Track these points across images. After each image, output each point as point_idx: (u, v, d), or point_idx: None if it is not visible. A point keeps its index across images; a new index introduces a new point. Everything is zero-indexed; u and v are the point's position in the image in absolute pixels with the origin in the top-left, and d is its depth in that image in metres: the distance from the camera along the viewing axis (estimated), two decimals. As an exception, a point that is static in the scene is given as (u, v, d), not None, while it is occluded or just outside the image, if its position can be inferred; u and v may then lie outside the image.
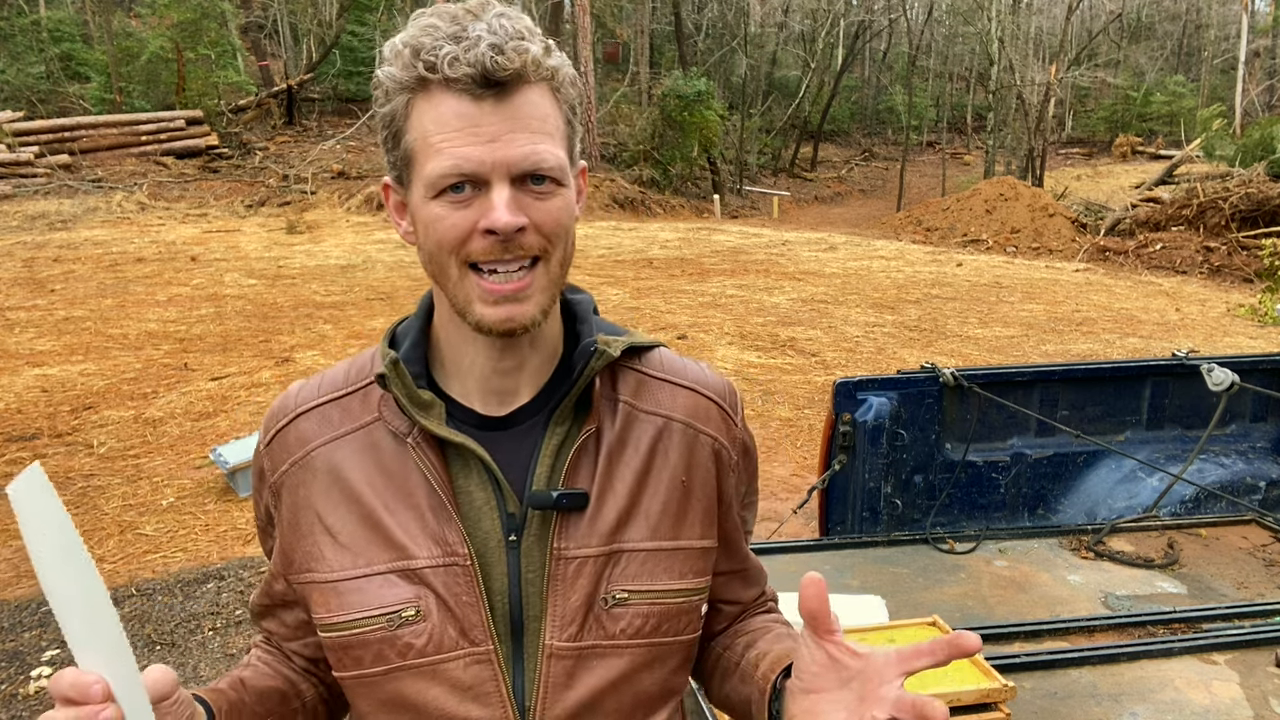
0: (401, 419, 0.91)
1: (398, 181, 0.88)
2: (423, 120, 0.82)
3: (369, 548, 0.89)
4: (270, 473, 0.96)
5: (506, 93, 0.80)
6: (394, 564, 0.89)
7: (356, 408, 0.94)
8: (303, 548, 0.93)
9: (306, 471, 0.93)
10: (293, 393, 0.99)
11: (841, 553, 2.66)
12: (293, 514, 0.94)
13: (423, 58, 0.79)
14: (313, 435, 0.94)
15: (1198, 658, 1.98)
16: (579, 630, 0.90)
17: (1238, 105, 30.15)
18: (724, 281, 12.54)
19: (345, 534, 0.90)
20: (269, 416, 0.98)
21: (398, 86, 0.82)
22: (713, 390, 1.02)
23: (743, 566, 1.08)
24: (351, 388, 0.96)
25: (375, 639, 0.88)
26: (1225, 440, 3.48)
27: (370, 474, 0.91)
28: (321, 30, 27.84)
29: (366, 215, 17.88)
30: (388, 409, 0.93)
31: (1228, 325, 10.67)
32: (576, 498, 0.90)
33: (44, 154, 18.18)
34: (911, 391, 3.20)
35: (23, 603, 3.99)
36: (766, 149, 30.73)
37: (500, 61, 0.78)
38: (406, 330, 0.96)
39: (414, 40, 0.81)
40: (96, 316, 9.42)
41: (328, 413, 0.95)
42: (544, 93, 0.83)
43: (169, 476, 5.40)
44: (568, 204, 0.86)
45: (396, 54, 0.82)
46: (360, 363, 0.98)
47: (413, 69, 0.80)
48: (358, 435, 0.93)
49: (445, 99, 0.80)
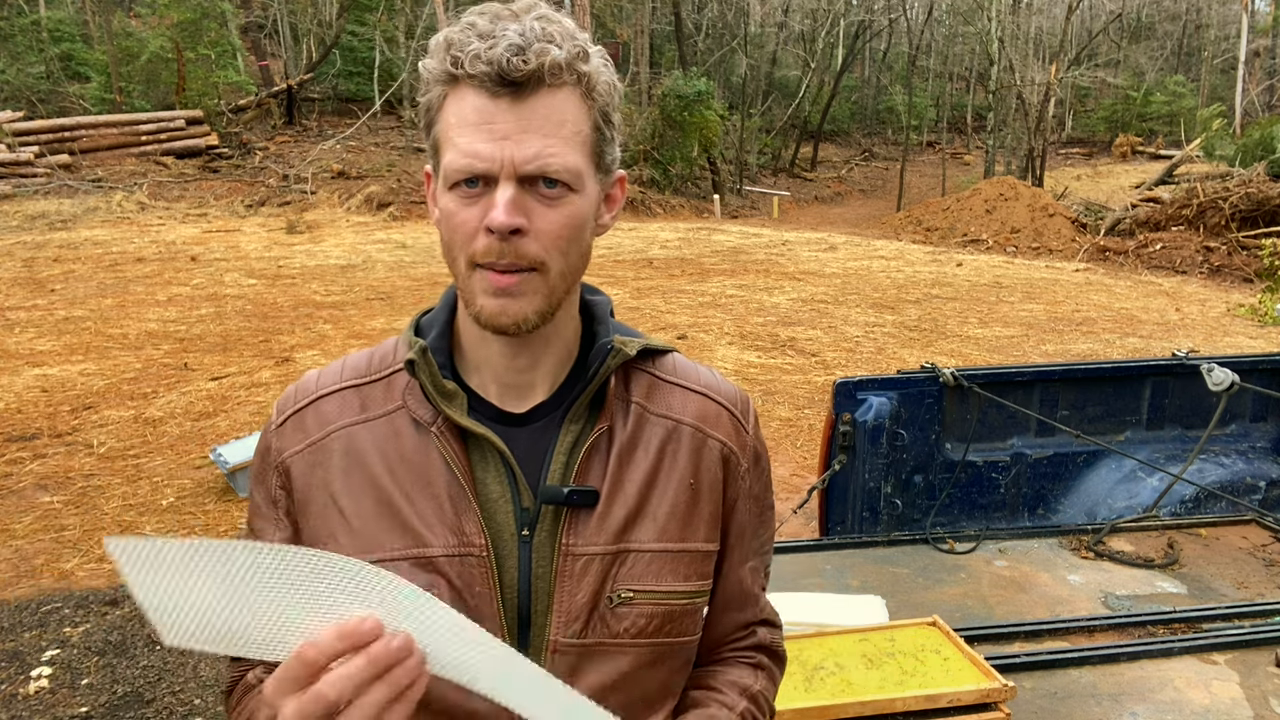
0: (426, 408, 0.92)
1: (434, 170, 0.90)
2: (447, 113, 0.84)
3: (383, 534, 0.90)
4: (279, 452, 0.95)
5: (523, 93, 0.81)
6: (408, 551, 0.89)
7: (380, 395, 0.95)
8: (313, 528, 0.93)
9: (323, 453, 0.93)
10: (312, 377, 0.99)
11: (841, 553, 2.66)
12: (305, 494, 0.93)
13: (452, 53, 0.82)
14: (334, 417, 0.94)
15: (1198, 658, 1.98)
16: (583, 627, 0.90)
17: (1238, 105, 30.15)
18: (724, 281, 12.54)
19: (360, 519, 0.91)
20: (284, 399, 0.98)
21: (434, 79, 0.85)
22: (724, 396, 1.02)
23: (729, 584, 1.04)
24: (375, 375, 0.97)
25: None
26: (1225, 440, 3.48)
27: (391, 461, 0.91)
28: (321, 30, 27.85)
29: (366, 215, 17.88)
30: (412, 398, 0.93)
31: (1228, 325, 10.67)
32: (587, 495, 0.90)
33: (44, 154, 18.17)
34: (911, 391, 3.20)
35: (23, 603, 3.99)
36: (766, 149, 30.73)
37: (516, 63, 0.79)
38: (431, 321, 0.98)
39: (451, 35, 0.83)
40: (96, 316, 9.41)
41: (349, 398, 0.96)
42: (569, 97, 0.83)
43: (169, 476, 5.40)
44: (577, 213, 0.86)
45: (437, 46, 0.84)
46: (383, 351, 0.99)
47: (444, 63, 0.83)
48: (380, 422, 0.93)
49: (468, 94, 0.82)
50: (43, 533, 4.66)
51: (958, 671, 1.76)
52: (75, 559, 4.39)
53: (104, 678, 3.45)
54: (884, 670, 1.77)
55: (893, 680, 1.73)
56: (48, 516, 4.85)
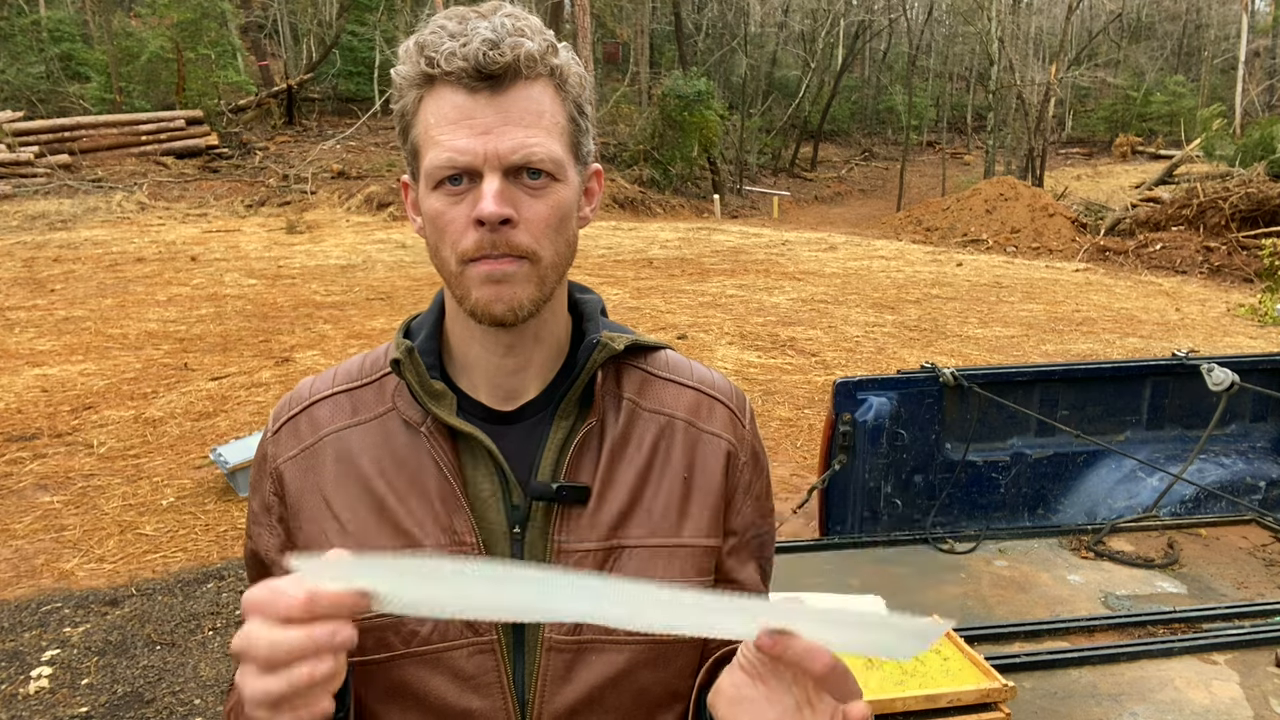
0: (416, 409, 0.93)
1: (412, 177, 0.90)
2: (425, 114, 0.85)
3: (375, 535, 0.90)
4: (274, 459, 0.96)
5: (501, 87, 0.82)
6: (401, 551, 0.89)
7: (371, 398, 0.96)
8: (306, 531, 0.93)
9: (316, 457, 0.94)
10: (305, 384, 1.00)
11: (841, 553, 2.66)
12: (298, 499, 0.94)
13: (426, 54, 0.83)
14: (326, 421, 0.95)
15: (1198, 658, 1.98)
16: (578, 624, 0.90)
17: (1238, 105, 30.15)
18: (724, 281, 12.54)
19: (353, 520, 0.91)
20: (280, 407, 1.00)
21: (407, 83, 0.85)
22: (719, 391, 1.02)
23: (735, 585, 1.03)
24: (366, 379, 0.98)
25: (379, 624, 0.88)
26: (1225, 440, 3.48)
27: (382, 462, 0.92)
28: (321, 30, 27.86)
29: (366, 215, 17.89)
30: (402, 399, 0.94)
31: (1228, 325, 10.67)
32: (577, 491, 0.91)
33: (44, 154, 18.18)
34: (911, 391, 3.19)
35: (23, 603, 3.99)
36: (766, 149, 30.73)
37: (493, 55, 0.80)
38: (421, 324, 0.98)
39: (422, 39, 0.84)
40: (96, 316, 9.41)
41: (341, 402, 0.97)
42: (544, 89, 0.85)
43: (169, 476, 5.40)
44: (562, 202, 0.87)
45: (408, 52, 0.85)
46: (375, 356, 1.00)
47: (418, 65, 0.83)
48: (372, 425, 0.94)
49: (445, 93, 0.83)
50: (43, 533, 4.66)
51: (958, 671, 1.76)
52: (75, 559, 4.39)
53: (104, 678, 3.45)
54: (884, 670, 1.76)
55: (893, 680, 1.73)
56: (48, 516, 4.85)
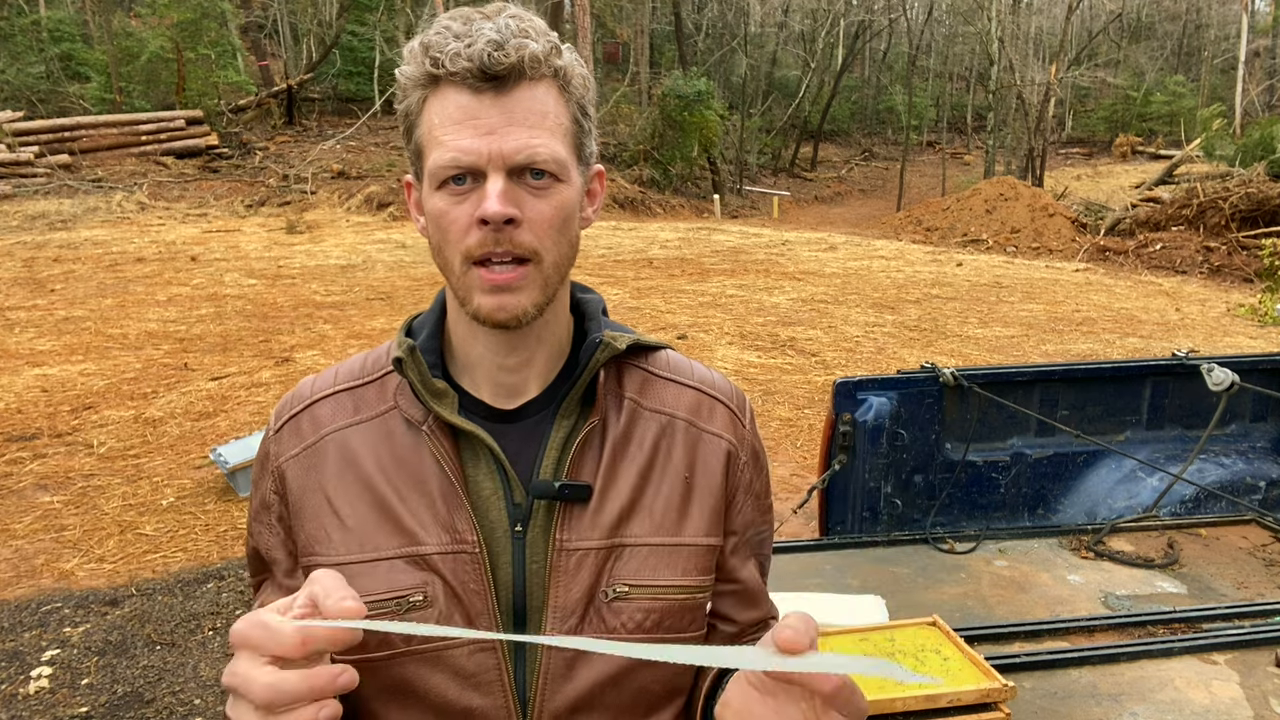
0: (417, 407, 0.93)
1: (416, 177, 0.91)
2: (429, 115, 0.85)
3: (377, 533, 0.90)
4: (275, 457, 0.96)
5: (506, 87, 0.83)
6: (402, 550, 0.90)
7: (373, 397, 0.96)
8: (308, 530, 0.93)
9: (318, 456, 0.94)
10: (306, 383, 1.00)
11: (841, 553, 2.66)
12: (300, 496, 0.94)
13: (430, 54, 0.83)
14: (327, 420, 0.96)
15: (1198, 658, 1.98)
16: (579, 623, 0.90)
17: (1238, 105, 30.15)
18: (724, 281, 12.54)
19: (354, 519, 0.91)
20: (281, 406, 1.00)
21: (412, 83, 0.86)
22: (719, 391, 1.03)
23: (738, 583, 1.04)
24: (368, 378, 0.98)
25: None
26: (1225, 440, 3.48)
27: (383, 461, 0.92)
28: (321, 30, 27.85)
29: (366, 215, 17.88)
30: (403, 398, 0.94)
31: (1228, 325, 10.67)
32: (579, 489, 0.91)
33: (44, 154, 18.17)
34: (911, 391, 3.19)
35: (23, 603, 3.99)
36: (766, 149, 30.73)
37: (497, 56, 0.81)
38: (423, 323, 0.99)
39: (427, 39, 0.84)
40: (96, 316, 9.41)
41: (343, 400, 0.97)
42: (548, 89, 0.85)
43: (169, 476, 5.40)
44: (566, 202, 0.87)
45: (412, 53, 0.86)
46: (376, 354, 1.01)
47: (423, 66, 0.84)
48: (373, 423, 0.94)
49: (449, 93, 0.83)
50: (43, 533, 4.66)
51: (958, 671, 1.76)
52: (75, 559, 4.39)
53: (104, 678, 3.45)
54: (884, 669, 1.76)
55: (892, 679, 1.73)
56: (48, 516, 4.85)
